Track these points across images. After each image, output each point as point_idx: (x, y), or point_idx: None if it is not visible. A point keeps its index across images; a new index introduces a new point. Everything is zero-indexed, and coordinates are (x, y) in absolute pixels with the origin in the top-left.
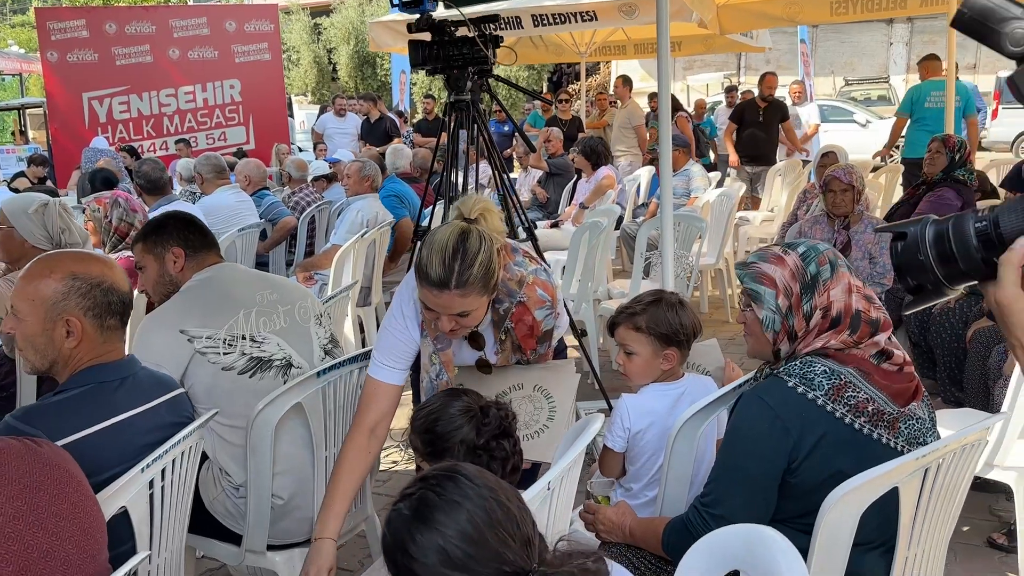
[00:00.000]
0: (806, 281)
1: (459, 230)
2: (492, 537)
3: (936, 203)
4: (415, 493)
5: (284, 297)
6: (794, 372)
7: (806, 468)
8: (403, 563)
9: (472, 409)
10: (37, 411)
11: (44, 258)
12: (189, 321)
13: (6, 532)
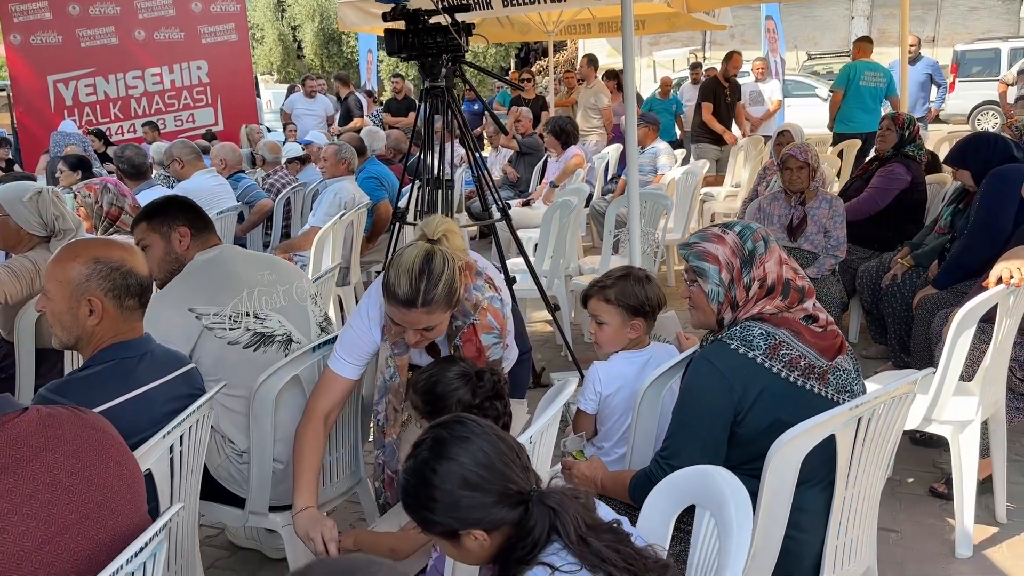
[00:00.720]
0: (744, 256)
1: (424, 252)
2: (499, 462)
3: (888, 177)
4: (429, 436)
5: (282, 278)
6: (735, 336)
7: (750, 419)
8: (424, 496)
9: (468, 373)
10: (68, 385)
11: (72, 243)
12: (197, 300)
13: (66, 486)
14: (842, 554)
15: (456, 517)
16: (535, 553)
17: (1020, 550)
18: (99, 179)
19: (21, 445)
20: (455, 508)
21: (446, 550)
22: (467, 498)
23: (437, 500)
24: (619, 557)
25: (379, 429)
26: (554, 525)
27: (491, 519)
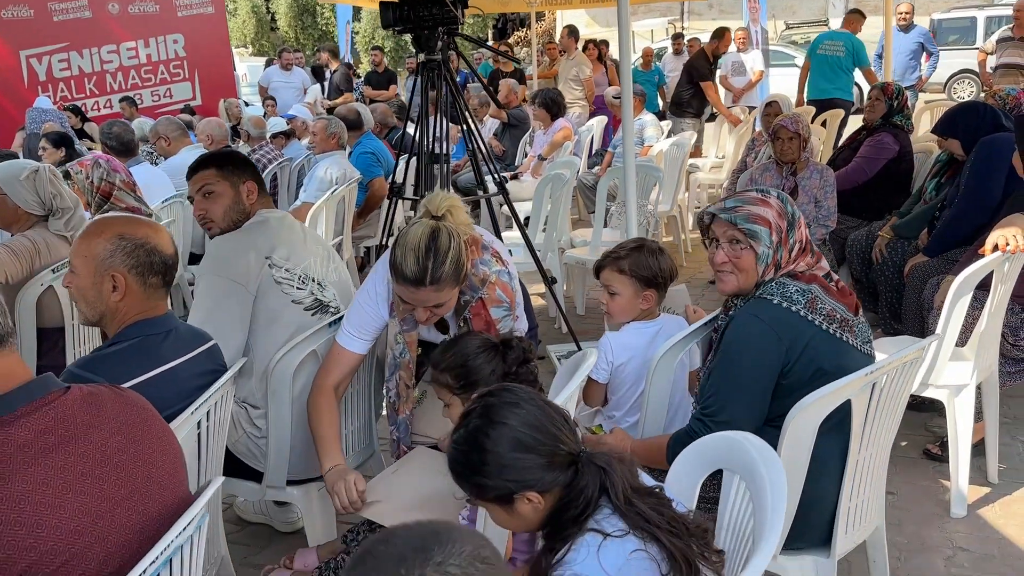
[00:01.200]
0: (789, 219)
1: (429, 229)
2: (549, 424)
3: (876, 147)
4: (477, 405)
5: (330, 256)
6: (774, 292)
7: (796, 370)
8: (477, 461)
9: (491, 343)
10: (96, 361)
11: (99, 220)
12: (273, 252)
13: (114, 462)
14: (854, 515)
15: (511, 480)
16: (587, 513)
17: (1011, 509)
18: (91, 155)
19: (69, 423)
20: (510, 471)
21: (498, 518)
22: (521, 460)
23: (491, 464)
24: (663, 520)
25: (391, 406)
26: (604, 485)
27: (544, 480)
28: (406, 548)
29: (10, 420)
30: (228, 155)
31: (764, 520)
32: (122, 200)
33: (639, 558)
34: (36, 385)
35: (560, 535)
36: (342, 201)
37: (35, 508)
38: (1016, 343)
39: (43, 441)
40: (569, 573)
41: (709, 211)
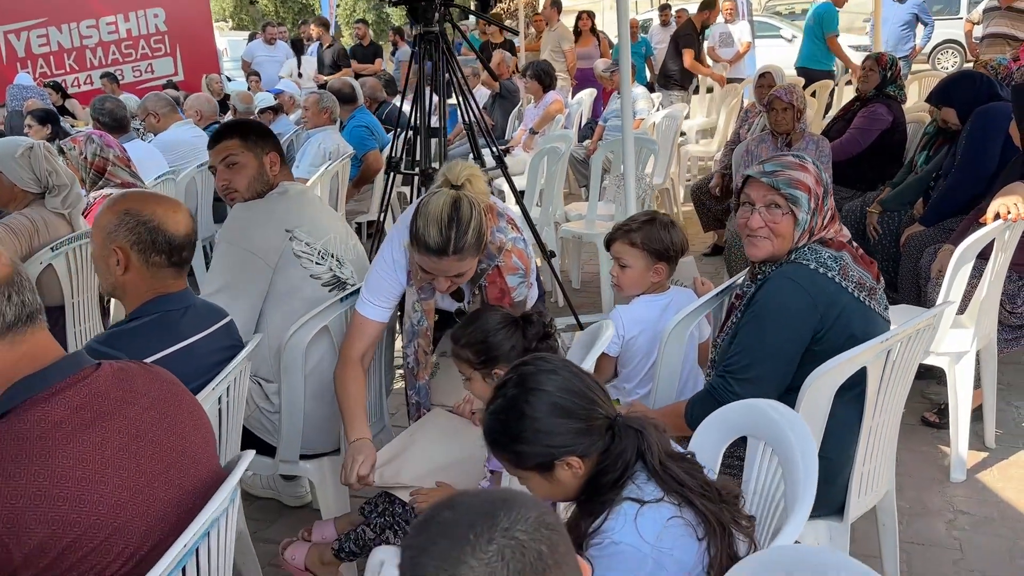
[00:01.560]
0: (825, 186)
1: (451, 199)
2: (585, 389)
3: (869, 118)
4: (513, 375)
5: (348, 233)
6: (809, 257)
7: (830, 336)
8: (517, 428)
9: (511, 318)
10: (116, 336)
11: (122, 193)
12: (294, 224)
13: (149, 437)
14: (867, 480)
15: (552, 445)
16: (625, 476)
17: (1008, 472)
18: (84, 131)
19: (103, 399)
20: (550, 436)
21: (537, 487)
22: (560, 424)
23: (531, 430)
24: (696, 483)
25: (410, 372)
26: (640, 449)
27: (584, 444)
28: (473, 514)
29: (45, 398)
30: (251, 124)
31: (796, 487)
32: (116, 175)
33: (676, 524)
34: (68, 362)
35: (597, 501)
36: (335, 176)
37: (76, 483)
38: (1013, 310)
39: (79, 417)
40: (608, 541)
41: (745, 173)
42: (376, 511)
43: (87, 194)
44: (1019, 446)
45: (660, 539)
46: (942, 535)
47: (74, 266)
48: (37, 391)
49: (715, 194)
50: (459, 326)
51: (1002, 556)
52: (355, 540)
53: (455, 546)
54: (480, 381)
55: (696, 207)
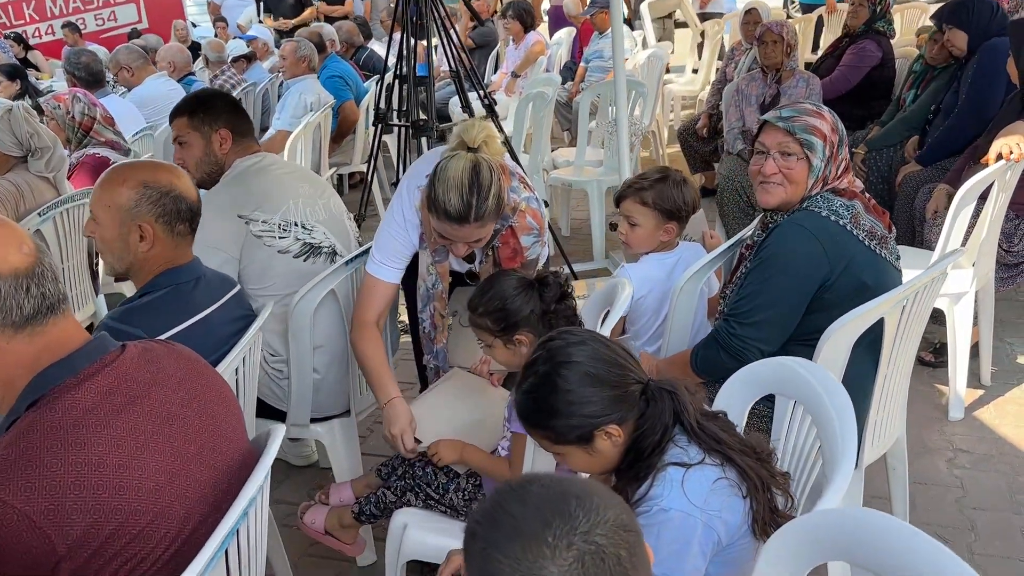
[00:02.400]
0: (841, 134)
1: (471, 164)
2: (615, 356)
3: (859, 55)
4: (541, 352)
5: (318, 190)
6: (821, 205)
7: (839, 284)
8: (552, 403)
9: (527, 281)
10: (130, 312)
11: (118, 167)
12: (246, 206)
13: (180, 417)
14: (880, 427)
15: (589, 415)
16: (665, 440)
17: (1005, 409)
18: (68, 89)
19: (132, 382)
20: (586, 406)
21: (577, 462)
22: (595, 393)
23: (567, 403)
24: (734, 440)
25: (426, 337)
26: (675, 410)
27: (620, 411)
28: (547, 511)
29: (74, 384)
30: (203, 100)
31: (834, 449)
32: (101, 135)
33: (721, 486)
34: (94, 347)
35: (641, 467)
36: (318, 128)
37: (115, 470)
38: (1010, 249)
39: (110, 403)
40: (656, 509)
41: (762, 118)
42: (396, 474)
43: (70, 154)
44: (1013, 382)
45: (708, 502)
46: (943, 474)
47: (62, 231)
48: (64, 378)
49: (702, 135)
50: (474, 294)
51: (1002, 493)
52: (375, 503)
53: (530, 547)
54: (502, 348)
55: (683, 149)
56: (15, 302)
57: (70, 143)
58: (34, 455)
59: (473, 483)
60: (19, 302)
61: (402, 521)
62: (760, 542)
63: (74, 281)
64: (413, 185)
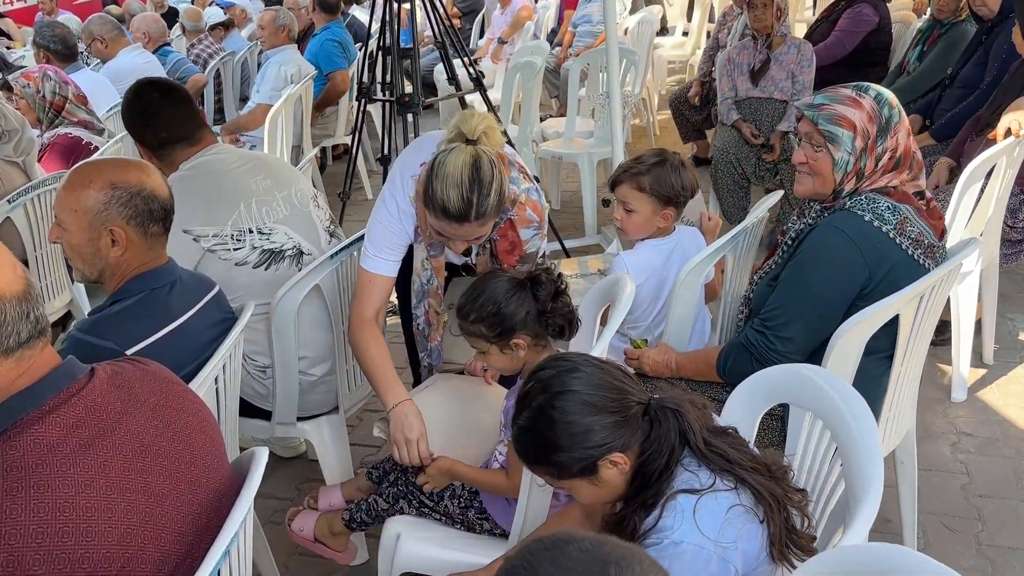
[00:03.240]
0: (881, 124)
1: (471, 159)
2: (613, 380)
3: (855, 19)
4: (533, 383)
5: (278, 181)
6: (865, 207)
7: (877, 292)
8: (551, 437)
9: (519, 281)
10: (102, 323)
11: (82, 168)
12: (192, 220)
13: (153, 450)
14: (892, 423)
15: (591, 446)
16: (673, 461)
17: (1008, 389)
18: (37, 66)
19: (101, 412)
20: (587, 436)
21: (584, 494)
22: (595, 422)
23: (567, 435)
24: (745, 458)
25: (420, 334)
26: (682, 429)
27: (624, 438)
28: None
29: (37, 418)
30: (128, 107)
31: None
32: (74, 114)
33: (737, 514)
34: (59, 374)
35: (648, 494)
36: (299, 101)
37: (81, 514)
38: (1014, 225)
39: (76, 437)
40: (667, 541)
41: (796, 106)
42: (388, 479)
43: (40, 135)
44: (1016, 361)
45: (722, 533)
46: (948, 459)
47: (34, 217)
48: (28, 411)
49: (694, 103)
50: (464, 300)
51: (1008, 478)
52: (367, 511)
53: None
54: (499, 354)
55: (675, 117)
56: (15, 328)
57: (40, 123)
58: None
59: (469, 490)
60: (18, 328)
61: (395, 531)
62: (778, 566)
63: (50, 269)
64: (407, 174)
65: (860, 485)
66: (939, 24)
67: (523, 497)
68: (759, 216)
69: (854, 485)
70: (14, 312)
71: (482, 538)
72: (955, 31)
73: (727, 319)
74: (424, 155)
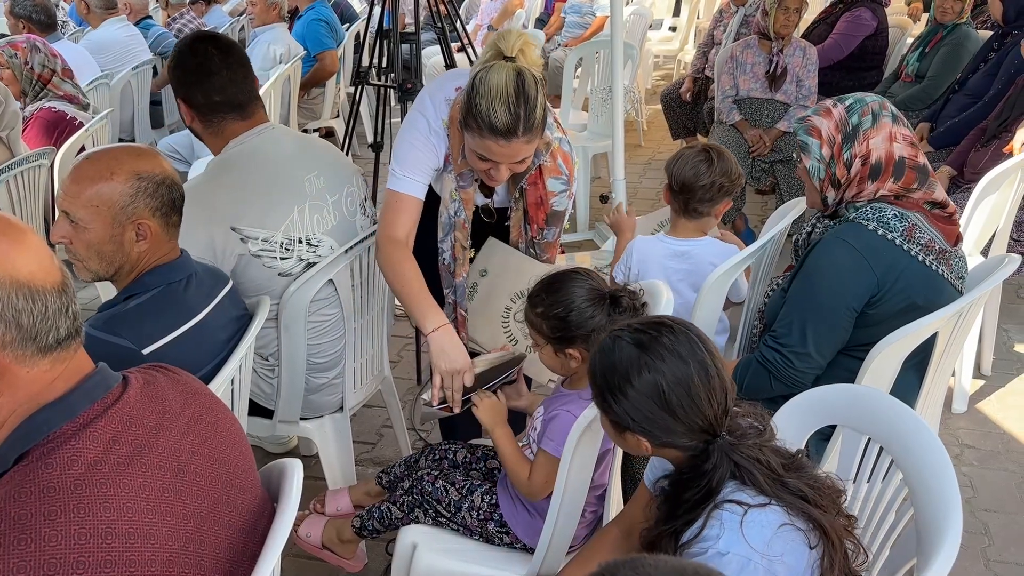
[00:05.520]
0: (847, 131)
1: (514, 72)
2: (698, 391)
3: (854, 23)
4: (653, 332)
5: (331, 182)
6: (870, 217)
7: (886, 301)
8: (615, 384)
9: (599, 293)
10: (118, 319)
11: (96, 159)
12: (244, 218)
13: (191, 469)
14: None
15: (634, 416)
16: (711, 497)
17: (1007, 401)
18: (24, 37)
19: (137, 427)
20: (636, 408)
21: (607, 429)
22: (651, 407)
23: (622, 393)
24: (816, 493)
25: (446, 268)
26: (736, 475)
27: (662, 438)
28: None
29: (72, 432)
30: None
31: (932, 504)
32: (59, 88)
33: (787, 531)
34: (95, 382)
35: (679, 511)
36: (287, 81)
37: (123, 542)
38: (1019, 238)
39: (115, 455)
40: (712, 552)
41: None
42: (401, 487)
43: (24, 108)
44: (1013, 372)
45: (770, 545)
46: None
47: (17, 195)
48: (62, 423)
49: (686, 99)
50: (539, 288)
51: (1012, 493)
52: (379, 519)
53: None
54: (552, 354)
55: (665, 113)
56: (55, 323)
57: (24, 96)
58: (28, 525)
59: (489, 502)
60: (57, 323)
61: (411, 540)
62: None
63: None
64: (439, 97)
65: (934, 525)
66: (941, 27)
67: (551, 516)
68: (784, 226)
69: (927, 523)
70: (55, 305)
71: (503, 551)
72: (958, 34)
73: (746, 330)
74: (459, 81)
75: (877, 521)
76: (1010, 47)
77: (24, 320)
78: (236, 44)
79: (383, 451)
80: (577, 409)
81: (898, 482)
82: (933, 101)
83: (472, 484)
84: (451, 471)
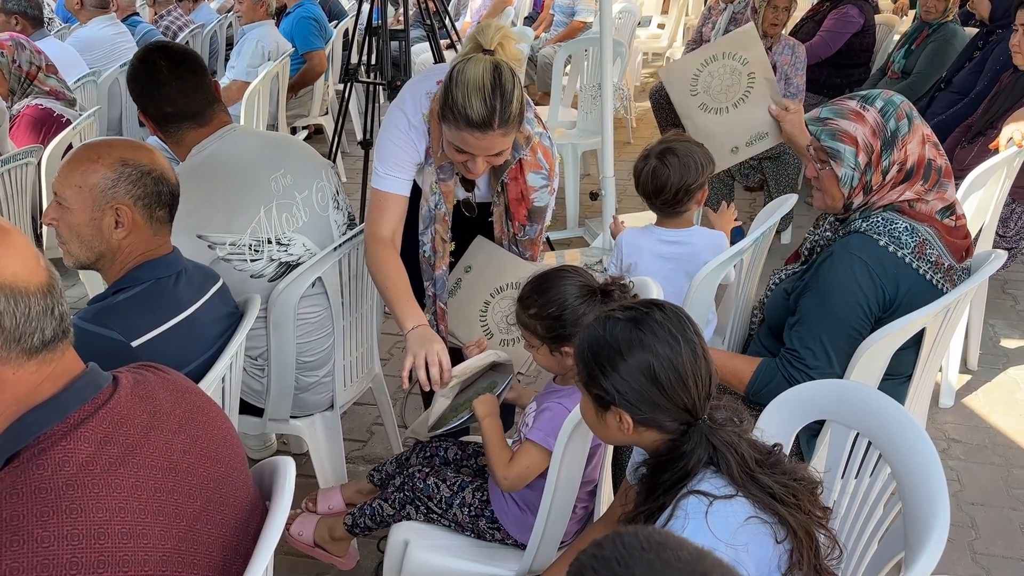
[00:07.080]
0: (886, 137)
1: (491, 65)
2: (690, 373)
3: (841, 20)
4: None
5: (298, 180)
6: (881, 231)
7: (894, 316)
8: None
9: (590, 287)
10: (107, 311)
11: (91, 144)
12: (210, 224)
13: (182, 469)
14: None
15: (620, 389)
16: (686, 481)
17: (993, 396)
18: (7, 35)
19: (129, 426)
20: (627, 384)
21: (586, 412)
22: (640, 382)
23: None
24: (786, 491)
25: (426, 261)
26: (712, 459)
27: (647, 414)
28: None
29: (64, 432)
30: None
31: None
32: (45, 84)
33: (754, 523)
34: (84, 383)
35: (656, 494)
36: (276, 79)
37: (116, 541)
38: (1005, 234)
39: (106, 455)
40: None
41: (806, 118)
42: (392, 484)
43: (10, 106)
44: (999, 367)
45: (736, 536)
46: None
47: (4, 193)
48: (52, 424)
49: None
50: (530, 288)
51: (999, 487)
52: (371, 515)
53: None
54: (547, 354)
55: (654, 110)
56: (39, 324)
57: (12, 94)
58: (20, 527)
59: (480, 499)
60: (43, 325)
61: (403, 537)
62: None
63: None
64: (421, 91)
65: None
66: (927, 25)
67: (543, 511)
68: (772, 223)
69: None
70: (39, 306)
71: (494, 547)
72: (944, 31)
73: (736, 323)
74: (442, 75)
75: (865, 515)
76: (995, 44)
77: (7, 322)
78: (190, 52)
79: (374, 449)
80: (571, 403)
81: (886, 476)
82: (919, 98)
83: (463, 481)
84: (442, 468)
